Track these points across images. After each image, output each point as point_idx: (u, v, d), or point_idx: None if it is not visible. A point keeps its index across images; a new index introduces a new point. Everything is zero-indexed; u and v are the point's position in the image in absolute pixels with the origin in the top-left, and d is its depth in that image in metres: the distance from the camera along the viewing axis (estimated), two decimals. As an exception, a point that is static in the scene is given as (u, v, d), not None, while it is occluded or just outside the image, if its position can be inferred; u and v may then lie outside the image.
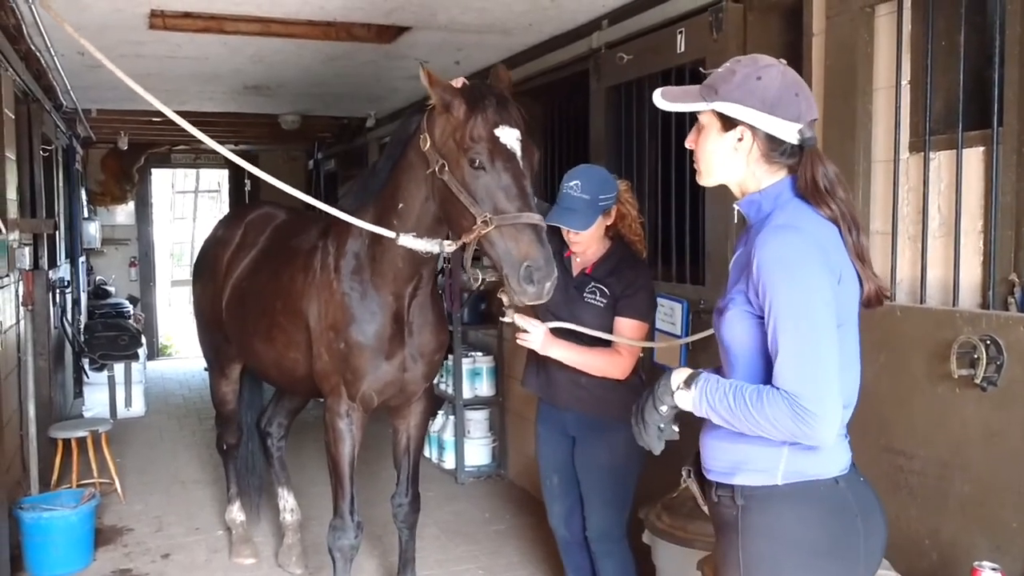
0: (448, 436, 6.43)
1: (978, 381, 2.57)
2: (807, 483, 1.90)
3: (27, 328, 5.37)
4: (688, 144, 2.08)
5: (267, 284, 3.97)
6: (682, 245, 4.21)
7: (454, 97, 3.02)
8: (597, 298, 3.26)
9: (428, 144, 3.09)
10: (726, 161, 2.00)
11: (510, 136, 2.96)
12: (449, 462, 6.45)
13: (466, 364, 6.26)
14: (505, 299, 2.91)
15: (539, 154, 3.11)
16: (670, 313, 4.05)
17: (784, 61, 2.02)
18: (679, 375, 1.98)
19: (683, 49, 4.00)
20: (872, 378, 3.00)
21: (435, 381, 4.61)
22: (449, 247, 3.01)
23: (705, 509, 2.13)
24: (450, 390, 6.34)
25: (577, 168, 3.33)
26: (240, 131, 10.39)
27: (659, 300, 4.10)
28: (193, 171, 17.25)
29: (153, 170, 12.68)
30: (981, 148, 2.78)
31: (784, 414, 1.79)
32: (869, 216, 3.13)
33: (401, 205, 3.27)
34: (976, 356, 2.57)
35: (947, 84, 2.92)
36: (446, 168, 3.01)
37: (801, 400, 1.77)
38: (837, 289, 1.87)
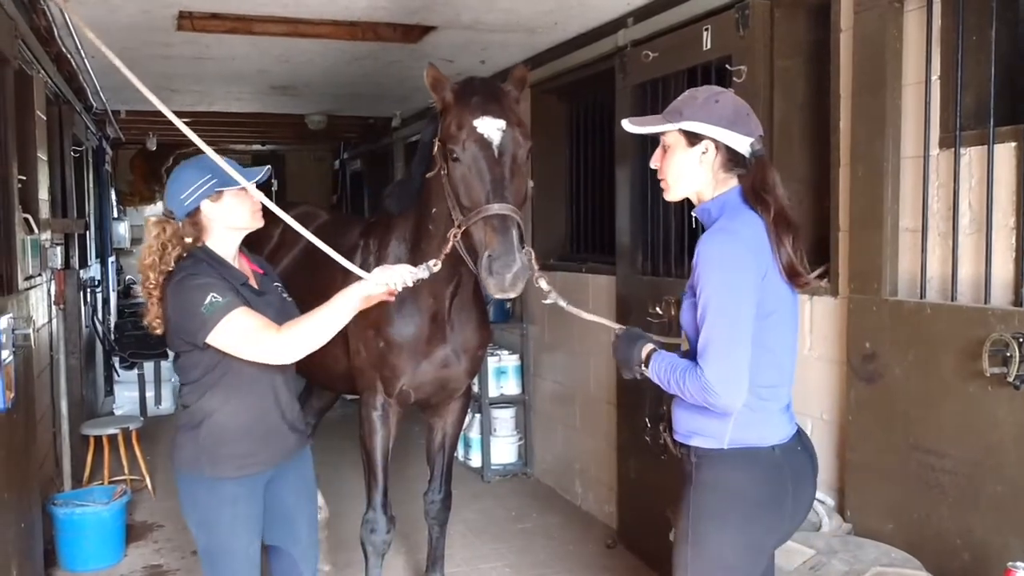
0: (475, 434, 6.45)
1: (1011, 379, 2.54)
2: (748, 449, 2.25)
3: (59, 327, 5.45)
4: (654, 164, 2.38)
5: (309, 282, 3.99)
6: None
7: (446, 92, 3.05)
8: (285, 293, 2.97)
9: (436, 147, 3.12)
10: (692, 172, 2.30)
11: (489, 126, 2.95)
12: (476, 460, 6.47)
13: (492, 362, 6.27)
14: (544, 284, 2.85)
15: (529, 145, 3.06)
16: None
17: (732, 89, 2.36)
18: (644, 351, 2.34)
19: (709, 46, 3.97)
20: (901, 376, 2.99)
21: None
22: (435, 267, 2.81)
23: (677, 455, 2.47)
24: (476, 388, 6.35)
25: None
26: (266, 131, 10.47)
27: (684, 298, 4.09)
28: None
29: (179, 170, 12.78)
30: (1013, 144, 2.74)
31: (696, 386, 2.15)
32: (898, 213, 3.10)
33: (434, 210, 3.28)
34: (1008, 354, 2.54)
35: (978, 79, 2.89)
36: (444, 170, 3.04)
37: (705, 371, 2.13)
38: (761, 284, 2.19)
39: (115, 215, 10.63)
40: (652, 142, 4.63)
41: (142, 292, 2.77)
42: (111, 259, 9.98)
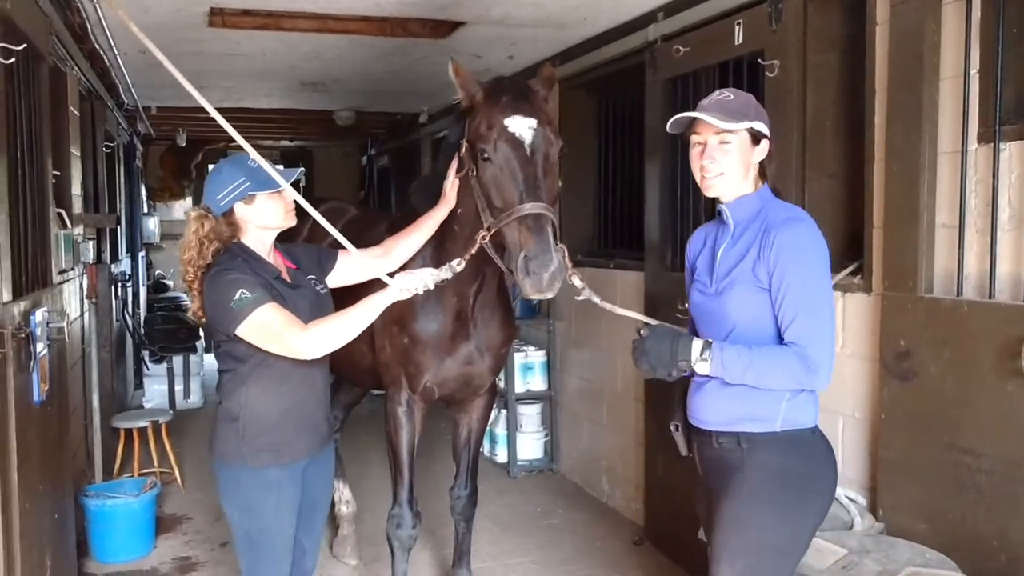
0: (500, 430, 6.45)
1: (1051, 378, 2.50)
2: (798, 430, 2.35)
3: (91, 320, 5.51)
4: (710, 160, 2.41)
5: None
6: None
7: (476, 92, 3.04)
8: (319, 286, 3.01)
9: (464, 148, 3.10)
10: (751, 169, 2.44)
11: (521, 125, 2.92)
12: (501, 456, 6.47)
13: (518, 358, 6.27)
14: (577, 281, 2.85)
15: (560, 145, 3.02)
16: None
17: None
18: (696, 347, 2.34)
19: (741, 41, 3.94)
20: (936, 374, 2.95)
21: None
22: (459, 267, 2.84)
23: (684, 454, 2.61)
24: (502, 384, 6.34)
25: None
26: (295, 128, 10.53)
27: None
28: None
29: (210, 166, 12.83)
30: (1054, 138, 2.70)
31: (795, 363, 2.25)
32: (935, 209, 3.05)
33: (460, 210, 3.27)
34: (1049, 353, 2.50)
35: (1018, 72, 2.85)
36: (474, 171, 3.02)
37: (808, 350, 2.24)
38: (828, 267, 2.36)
39: (145, 211, 10.74)
40: (683, 138, 4.63)
41: (184, 284, 2.88)
42: (141, 254, 10.09)
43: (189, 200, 12.59)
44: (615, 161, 5.89)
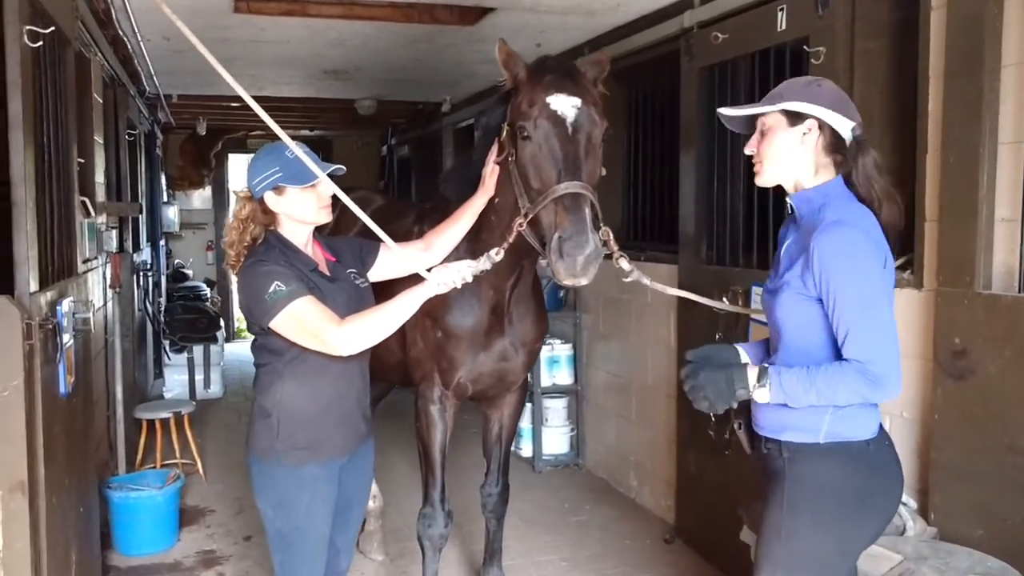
0: (526, 424, 6.34)
1: (1124, 380, 2.38)
2: (843, 443, 2.22)
3: (114, 310, 5.45)
4: (749, 150, 2.35)
5: None
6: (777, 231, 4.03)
7: (520, 71, 2.95)
8: (358, 280, 2.92)
9: (505, 132, 2.99)
10: (792, 153, 2.27)
11: (564, 103, 2.81)
12: (526, 450, 6.38)
13: (545, 351, 6.15)
14: (625, 264, 2.76)
15: (604, 127, 2.89)
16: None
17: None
18: (752, 375, 2.24)
19: (784, 27, 3.81)
20: (996, 373, 2.84)
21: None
22: (498, 256, 2.74)
23: (748, 452, 2.47)
24: (528, 377, 6.24)
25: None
26: (316, 117, 10.43)
27: (754, 288, 3.95)
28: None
29: (230, 155, 12.83)
30: None
31: (858, 380, 2.10)
32: (994, 202, 2.93)
33: (498, 200, 3.15)
34: (1121, 353, 2.38)
35: (1086, 59, 2.72)
36: (513, 154, 2.91)
37: (870, 366, 2.09)
38: (883, 272, 2.18)
39: (165, 199, 10.69)
40: (722, 128, 4.51)
41: (226, 266, 2.84)
42: (161, 243, 10.04)
43: (209, 189, 12.54)
44: (645, 152, 5.77)
